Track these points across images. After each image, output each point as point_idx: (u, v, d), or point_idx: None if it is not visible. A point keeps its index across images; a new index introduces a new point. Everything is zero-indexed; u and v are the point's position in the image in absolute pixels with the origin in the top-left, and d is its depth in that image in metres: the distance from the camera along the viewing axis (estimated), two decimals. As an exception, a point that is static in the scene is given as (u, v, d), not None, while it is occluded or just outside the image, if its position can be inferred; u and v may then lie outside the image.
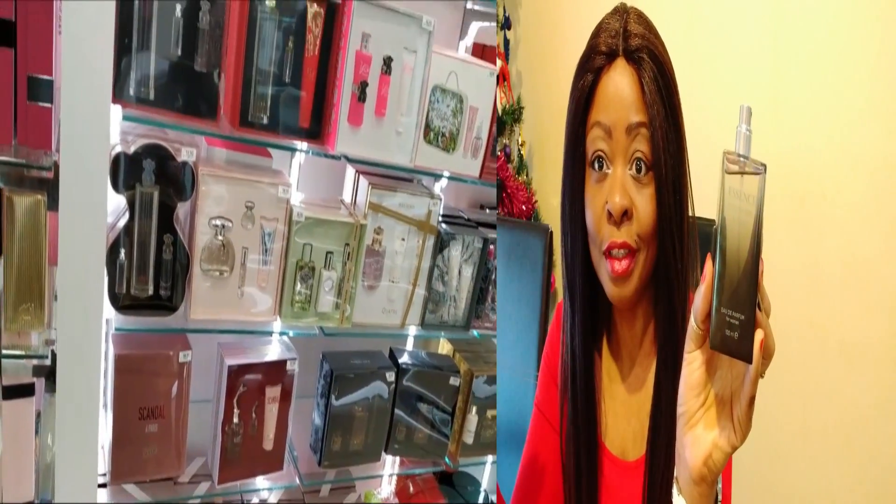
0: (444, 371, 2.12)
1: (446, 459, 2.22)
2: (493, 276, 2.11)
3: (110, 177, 1.40)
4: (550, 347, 1.18)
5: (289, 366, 1.88)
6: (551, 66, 2.73)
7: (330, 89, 1.64)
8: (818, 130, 1.65)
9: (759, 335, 0.71)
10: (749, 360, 0.72)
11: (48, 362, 1.47)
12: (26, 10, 1.25)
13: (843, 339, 1.61)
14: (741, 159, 0.73)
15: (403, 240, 1.91)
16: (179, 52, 1.45)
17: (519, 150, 2.84)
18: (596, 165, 0.95)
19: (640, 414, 1.02)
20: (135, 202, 1.51)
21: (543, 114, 2.79)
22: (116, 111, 1.41)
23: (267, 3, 1.50)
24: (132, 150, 1.47)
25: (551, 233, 2.14)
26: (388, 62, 1.69)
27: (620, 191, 0.92)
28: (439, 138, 1.86)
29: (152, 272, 1.57)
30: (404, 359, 2.11)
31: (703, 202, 0.97)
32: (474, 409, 2.19)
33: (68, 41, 1.25)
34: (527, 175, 2.84)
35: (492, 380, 2.17)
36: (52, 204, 1.38)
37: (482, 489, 2.50)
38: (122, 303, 1.56)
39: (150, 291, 1.58)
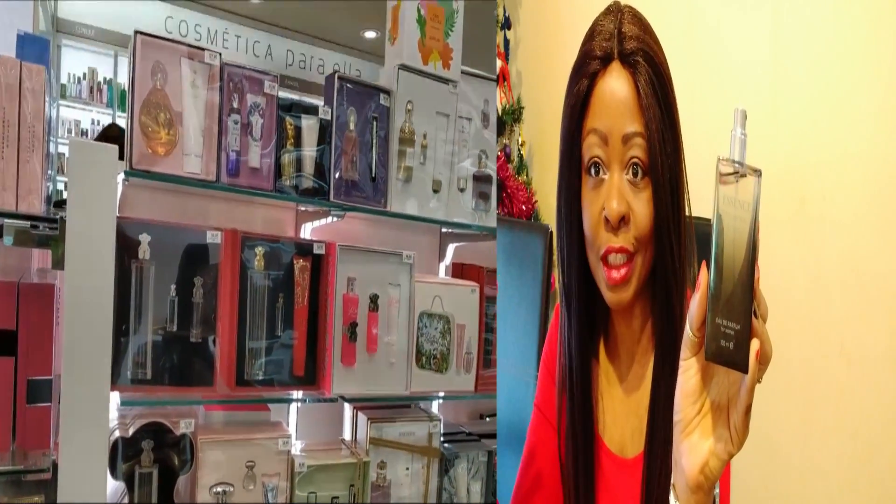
0: None
1: None
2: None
3: (109, 464, 1.38)
4: (550, 347, 1.18)
5: None
6: (551, 66, 2.76)
7: (321, 335, 1.68)
8: (818, 131, 1.70)
9: (754, 345, 0.71)
10: (745, 371, 0.71)
11: None
12: (28, 318, 1.29)
13: (843, 341, 1.63)
14: (736, 165, 0.73)
15: (407, 469, 1.89)
16: (175, 328, 1.48)
17: (519, 150, 2.86)
18: (592, 171, 0.96)
19: (639, 411, 1.02)
20: (133, 484, 1.48)
21: (543, 114, 2.81)
22: (114, 397, 1.41)
23: (256, 264, 1.55)
24: (130, 432, 1.46)
25: (551, 233, 2.14)
26: (374, 300, 1.75)
27: (618, 197, 0.93)
28: (431, 361, 1.90)
29: (154, 554, 1.52)
30: None
31: (702, 203, 0.95)
32: None
33: (69, 333, 1.27)
34: (527, 175, 2.85)
35: None
36: (50, 505, 1.36)
37: None
38: None
39: (153, 575, 1.52)
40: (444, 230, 2.14)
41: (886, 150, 1.58)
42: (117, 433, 1.46)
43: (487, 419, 2.35)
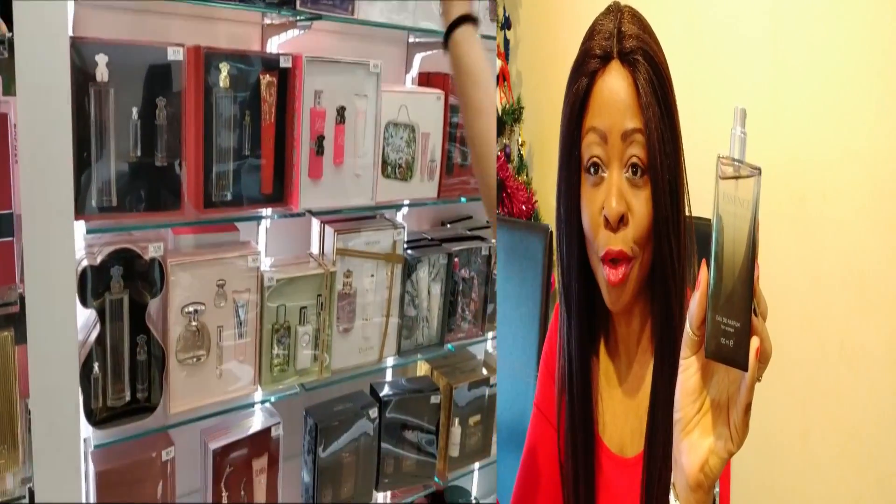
0: (424, 392, 2.17)
1: (436, 479, 2.28)
2: (460, 288, 2.16)
3: (78, 292, 1.36)
4: (549, 347, 1.21)
5: (273, 432, 1.88)
6: (551, 66, 2.75)
7: (289, 151, 1.64)
8: (818, 130, 1.71)
9: (754, 343, 0.72)
10: (745, 368, 0.72)
11: (26, 502, 1.43)
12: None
13: (843, 340, 1.69)
14: (735, 163, 0.74)
15: (372, 276, 1.92)
16: (139, 153, 1.41)
17: (519, 150, 2.87)
18: (591, 170, 0.97)
19: (639, 411, 1.05)
20: (105, 311, 1.46)
21: (543, 114, 2.81)
22: (80, 226, 1.36)
23: (221, 83, 1.46)
24: (98, 260, 1.42)
25: (551, 233, 2.17)
26: (341, 112, 1.70)
27: (617, 196, 0.94)
28: (396, 170, 1.88)
29: (128, 377, 1.53)
30: (385, 391, 2.13)
31: (702, 203, 0.98)
32: (457, 420, 2.25)
33: (26, 165, 1.20)
34: (527, 175, 2.87)
35: (473, 385, 2.23)
36: (20, 337, 1.33)
37: (473, 498, 2.58)
38: (99, 417, 1.52)
39: (128, 397, 1.54)
40: (410, 40, 2.08)
41: (887, 148, 1.55)
42: (85, 262, 1.42)
43: (448, 226, 2.37)
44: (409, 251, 2.02)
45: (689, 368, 0.79)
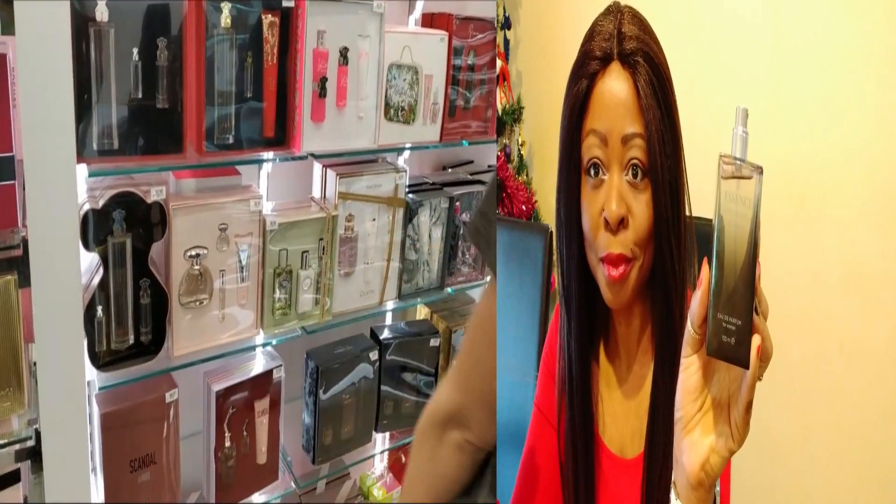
0: (424, 335, 2.19)
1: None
2: (461, 232, 2.16)
3: (81, 236, 1.36)
4: (549, 347, 1.21)
5: (275, 374, 1.90)
6: (551, 66, 2.73)
7: (291, 93, 1.62)
8: (818, 130, 1.69)
9: (755, 341, 0.73)
10: (746, 366, 0.73)
11: (32, 443, 1.45)
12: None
13: (843, 340, 1.69)
14: (737, 162, 0.74)
15: (374, 220, 1.93)
16: (140, 95, 1.39)
17: (519, 150, 2.86)
18: (592, 172, 0.97)
19: (639, 412, 1.06)
20: (108, 255, 1.47)
21: (543, 114, 2.80)
22: (82, 170, 1.35)
23: (222, 24, 1.44)
24: (100, 203, 1.42)
25: (551, 233, 2.16)
26: (344, 53, 1.68)
27: (617, 198, 0.94)
28: (399, 113, 1.86)
29: (131, 321, 1.55)
30: (385, 334, 2.15)
31: (703, 203, 0.99)
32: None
33: (26, 108, 1.19)
34: (527, 175, 2.87)
35: (471, 328, 2.25)
36: (24, 281, 1.34)
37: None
38: (103, 360, 1.54)
39: (131, 340, 1.56)
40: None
41: (887, 148, 1.53)
42: (87, 206, 1.41)
43: (449, 170, 2.37)
44: (410, 195, 2.01)
45: (690, 367, 0.79)
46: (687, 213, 0.99)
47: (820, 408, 1.72)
